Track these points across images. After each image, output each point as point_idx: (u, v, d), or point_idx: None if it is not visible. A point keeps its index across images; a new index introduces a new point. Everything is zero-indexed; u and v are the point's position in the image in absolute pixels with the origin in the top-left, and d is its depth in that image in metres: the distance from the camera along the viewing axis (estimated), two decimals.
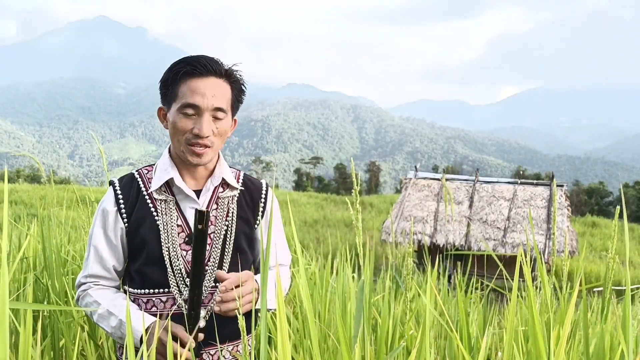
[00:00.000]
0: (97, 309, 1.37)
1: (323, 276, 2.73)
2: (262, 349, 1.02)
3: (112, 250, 1.42)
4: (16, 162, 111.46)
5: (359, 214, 1.47)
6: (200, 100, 1.33)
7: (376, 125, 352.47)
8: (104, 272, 1.43)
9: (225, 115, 1.38)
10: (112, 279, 1.45)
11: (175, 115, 1.36)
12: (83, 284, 1.45)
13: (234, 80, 1.41)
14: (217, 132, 1.38)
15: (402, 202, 14.56)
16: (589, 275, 14.33)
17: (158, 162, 1.46)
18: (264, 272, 1.03)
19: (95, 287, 1.43)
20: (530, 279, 1.23)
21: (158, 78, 1.42)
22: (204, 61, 1.34)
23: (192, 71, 1.33)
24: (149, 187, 1.43)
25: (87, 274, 1.43)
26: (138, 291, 1.41)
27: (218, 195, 1.45)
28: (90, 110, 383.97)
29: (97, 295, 1.41)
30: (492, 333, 2.20)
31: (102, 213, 1.42)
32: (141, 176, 1.46)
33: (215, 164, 1.47)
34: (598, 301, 3.16)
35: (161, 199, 1.41)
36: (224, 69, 1.38)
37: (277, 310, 1.02)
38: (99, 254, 1.42)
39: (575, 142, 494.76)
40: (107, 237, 1.42)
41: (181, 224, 1.40)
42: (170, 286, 1.38)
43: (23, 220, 3.88)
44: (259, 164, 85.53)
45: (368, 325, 1.43)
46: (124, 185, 1.44)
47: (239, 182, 1.51)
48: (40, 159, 5.19)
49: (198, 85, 1.33)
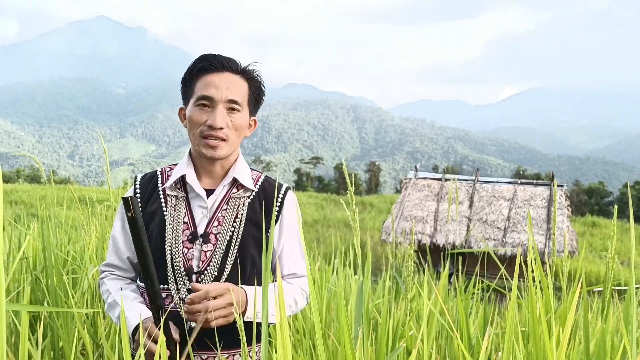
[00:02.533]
0: (107, 298, 1.42)
1: (323, 276, 2.73)
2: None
3: (127, 242, 1.46)
4: (16, 162, 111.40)
5: (355, 215, 1.46)
6: (214, 92, 1.35)
7: (376, 125, 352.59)
8: (119, 262, 1.48)
9: (241, 109, 1.39)
10: (128, 270, 1.49)
11: (192, 109, 1.38)
12: (103, 271, 1.51)
13: (251, 78, 1.42)
14: (232, 126, 1.37)
15: (402, 202, 14.56)
16: (589, 275, 14.33)
17: (181, 160, 1.49)
18: (265, 280, 0.99)
19: (110, 277, 1.48)
20: (530, 279, 1.23)
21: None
22: (220, 58, 1.38)
23: (208, 67, 1.36)
24: (165, 184, 1.46)
25: (106, 262, 1.50)
26: (143, 284, 1.42)
27: (230, 196, 1.44)
28: (90, 110, 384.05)
29: (110, 284, 1.45)
30: (493, 333, 2.20)
31: (121, 205, 1.47)
32: (162, 173, 1.49)
33: (232, 164, 1.46)
34: (598, 301, 3.16)
35: (173, 195, 1.42)
36: (241, 66, 1.40)
37: (279, 326, 0.96)
38: (116, 245, 1.48)
39: (575, 142, 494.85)
40: (123, 229, 1.47)
41: (187, 221, 1.40)
42: (169, 283, 1.37)
43: (23, 220, 3.88)
44: (259, 164, 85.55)
45: (368, 325, 1.43)
46: (145, 181, 1.48)
47: (257, 184, 1.48)
48: (40, 159, 5.20)
49: (213, 79, 1.36)
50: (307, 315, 2.18)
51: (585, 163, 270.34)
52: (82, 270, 2.31)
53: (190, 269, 1.37)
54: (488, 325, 1.69)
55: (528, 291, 1.25)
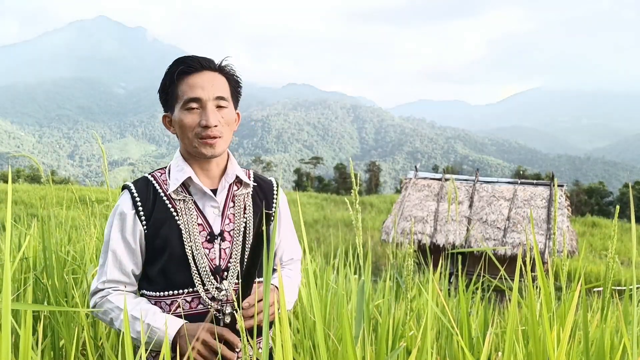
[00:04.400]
0: (118, 315, 1.36)
1: (323, 276, 2.73)
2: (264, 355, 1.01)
3: (130, 254, 1.41)
4: (16, 162, 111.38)
5: (358, 214, 1.46)
6: (201, 93, 1.36)
7: (376, 125, 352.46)
8: (123, 277, 1.41)
9: (228, 104, 1.41)
10: (131, 283, 1.43)
11: (180, 114, 1.38)
12: (101, 290, 1.41)
13: (228, 73, 1.45)
14: (224, 122, 1.40)
15: (402, 202, 14.56)
16: (589, 275, 14.33)
17: (171, 164, 1.47)
18: (267, 274, 1.02)
19: (114, 293, 1.40)
20: (530, 279, 1.23)
21: (158, 78, 1.44)
22: (196, 58, 1.40)
23: (188, 69, 1.38)
24: (166, 189, 1.43)
25: (106, 279, 1.40)
26: (161, 294, 1.40)
27: (233, 194, 1.47)
28: (90, 110, 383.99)
29: (118, 300, 1.38)
30: (493, 333, 2.20)
31: (119, 217, 1.41)
32: (155, 179, 1.47)
33: (226, 162, 1.49)
34: (598, 301, 3.16)
35: (179, 199, 1.42)
36: (217, 64, 1.42)
37: (279, 326, 1.00)
38: (117, 259, 1.40)
39: (575, 142, 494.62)
40: (125, 241, 1.40)
41: (201, 222, 1.41)
42: (196, 285, 1.39)
43: (23, 220, 3.88)
44: (259, 164, 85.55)
45: (368, 325, 1.43)
46: (140, 189, 1.43)
47: (251, 179, 1.54)
48: (40, 159, 5.17)
49: (196, 80, 1.37)
50: (307, 315, 2.18)
51: (585, 163, 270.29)
52: (82, 270, 2.31)
53: (217, 268, 1.40)
54: (489, 324, 1.69)
55: (528, 291, 1.25)
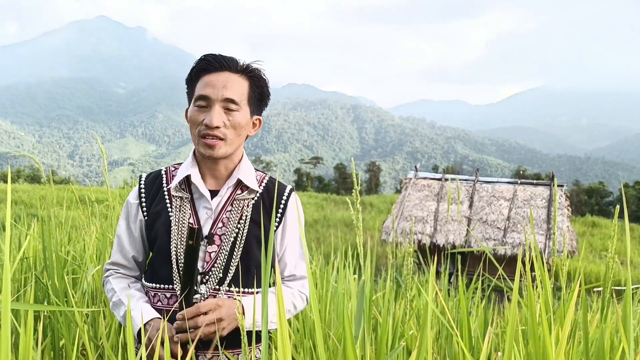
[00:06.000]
0: (111, 297, 1.44)
1: (324, 276, 2.73)
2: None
3: (132, 241, 1.48)
4: (16, 162, 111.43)
5: (359, 214, 1.45)
6: (210, 92, 1.35)
7: (376, 125, 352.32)
8: (124, 261, 1.49)
9: (239, 109, 1.37)
10: (133, 268, 1.51)
11: (191, 109, 1.39)
12: (107, 270, 1.53)
13: (253, 76, 1.41)
14: (230, 125, 1.37)
15: (402, 202, 14.56)
16: (588, 275, 14.32)
17: (185, 161, 1.50)
18: (265, 286, 0.99)
19: (115, 275, 1.50)
20: (530, 279, 1.23)
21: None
22: (219, 57, 1.38)
23: (207, 67, 1.37)
24: (170, 184, 1.46)
25: (110, 261, 1.51)
26: (148, 284, 1.44)
27: (235, 197, 1.43)
28: (90, 110, 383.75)
29: (115, 283, 1.47)
30: (493, 333, 2.20)
31: (126, 205, 1.49)
32: (167, 173, 1.50)
33: (236, 165, 1.46)
34: (598, 301, 3.16)
35: (178, 196, 1.43)
36: (241, 65, 1.39)
37: (279, 327, 0.95)
38: (121, 244, 1.49)
39: (575, 142, 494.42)
40: (128, 228, 1.48)
41: (192, 222, 1.41)
42: (174, 283, 1.39)
43: (23, 220, 3.88)
44: (259, 164, 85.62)
45: (368, 325, 1.43)
46: (149, 180, 1.49)
47: (262, 186, 1.48)
48: (40, 159, 5.16)
49: (210, 79, 1.36)
50: (307, 315, 2.18)
51: (585, 163, 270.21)
52: (82, 270, 2.31)
53: (196, 270, 1.37)
54: (489, 324, 1.69)
55: (528, 291, 1.25)
